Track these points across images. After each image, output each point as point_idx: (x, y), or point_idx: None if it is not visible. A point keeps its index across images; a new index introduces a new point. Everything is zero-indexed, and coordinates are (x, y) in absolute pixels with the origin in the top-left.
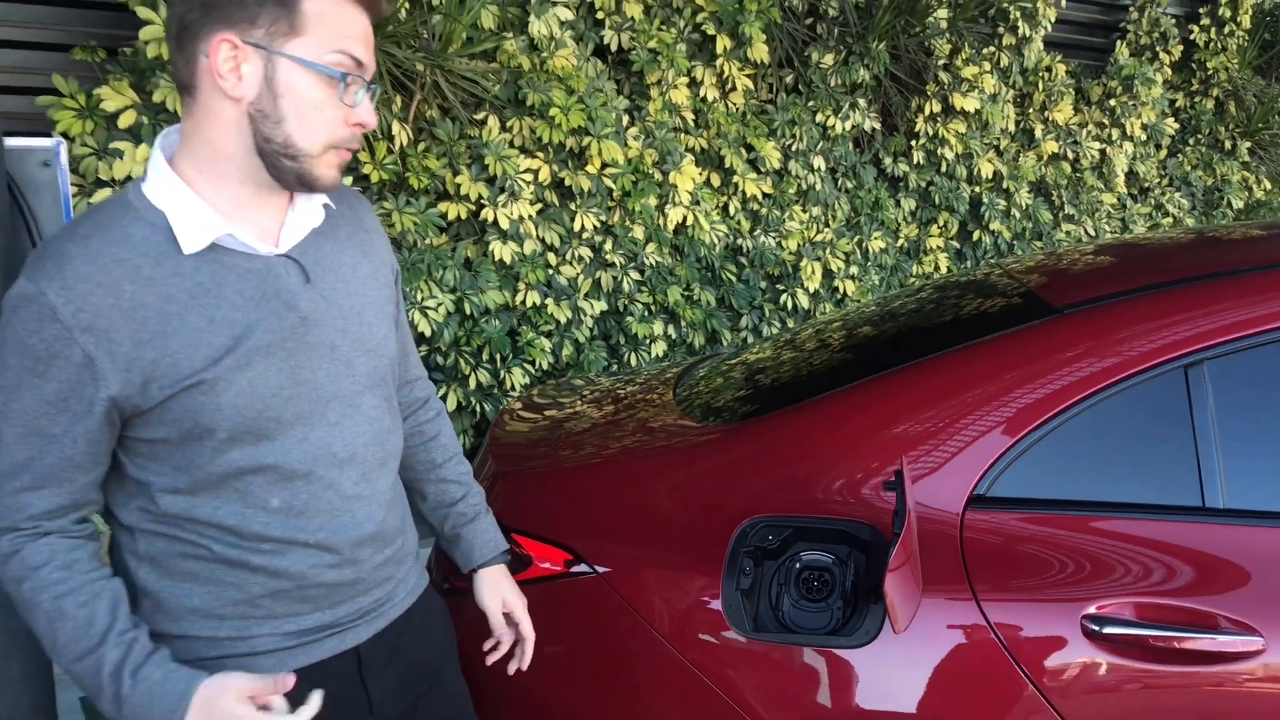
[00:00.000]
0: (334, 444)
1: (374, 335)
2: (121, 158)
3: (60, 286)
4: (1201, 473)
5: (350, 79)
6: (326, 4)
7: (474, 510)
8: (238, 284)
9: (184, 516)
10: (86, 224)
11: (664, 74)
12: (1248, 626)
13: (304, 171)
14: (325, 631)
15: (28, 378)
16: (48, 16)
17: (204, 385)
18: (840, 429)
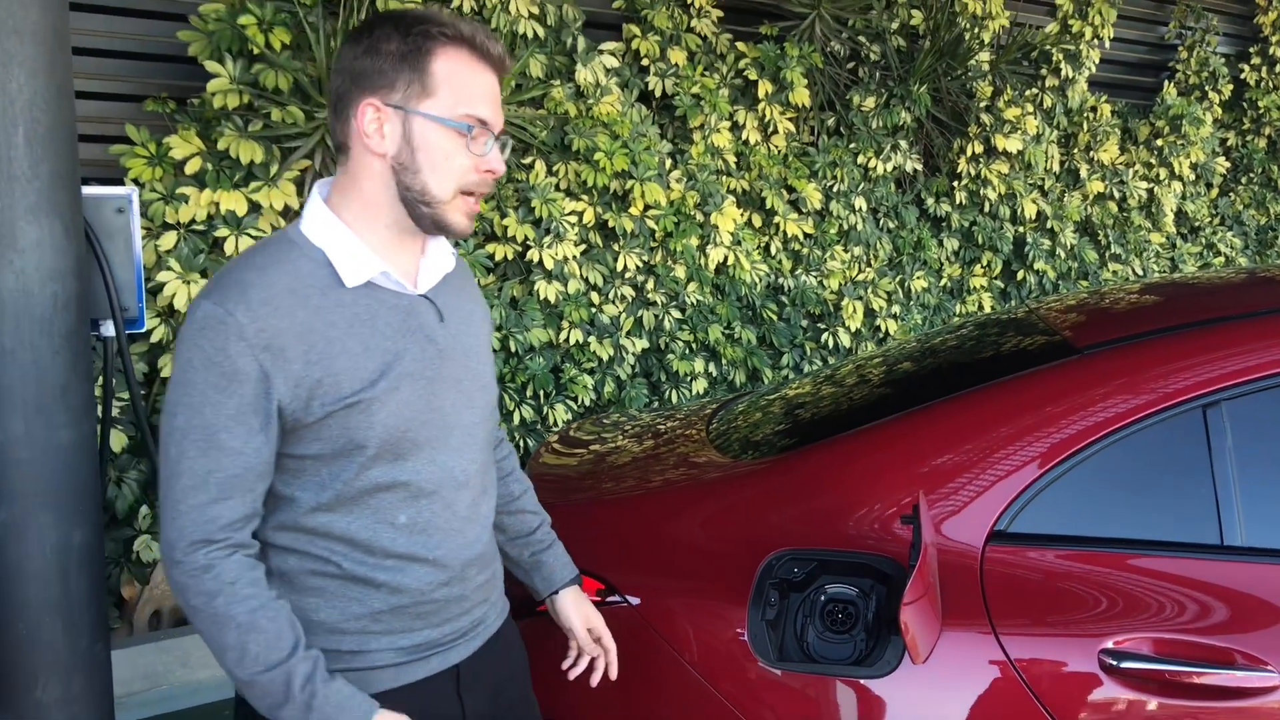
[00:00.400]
0: (455, 468)
1: (485, 374)
2: (187, 202)
3: (245, 309)
4: (1220, 511)
5: (475, 131)
6: (454, 67)
7: (550, 538)
8: (388, 316)
9: (320, 531)
10: (259, 257)
11: (706, 118)
12: (1263, 662)
13: (438, 216)
14: (433, 649)
15: (211, 394)
16: (122, 69)
17: (361, 405)
18: (864, 466)
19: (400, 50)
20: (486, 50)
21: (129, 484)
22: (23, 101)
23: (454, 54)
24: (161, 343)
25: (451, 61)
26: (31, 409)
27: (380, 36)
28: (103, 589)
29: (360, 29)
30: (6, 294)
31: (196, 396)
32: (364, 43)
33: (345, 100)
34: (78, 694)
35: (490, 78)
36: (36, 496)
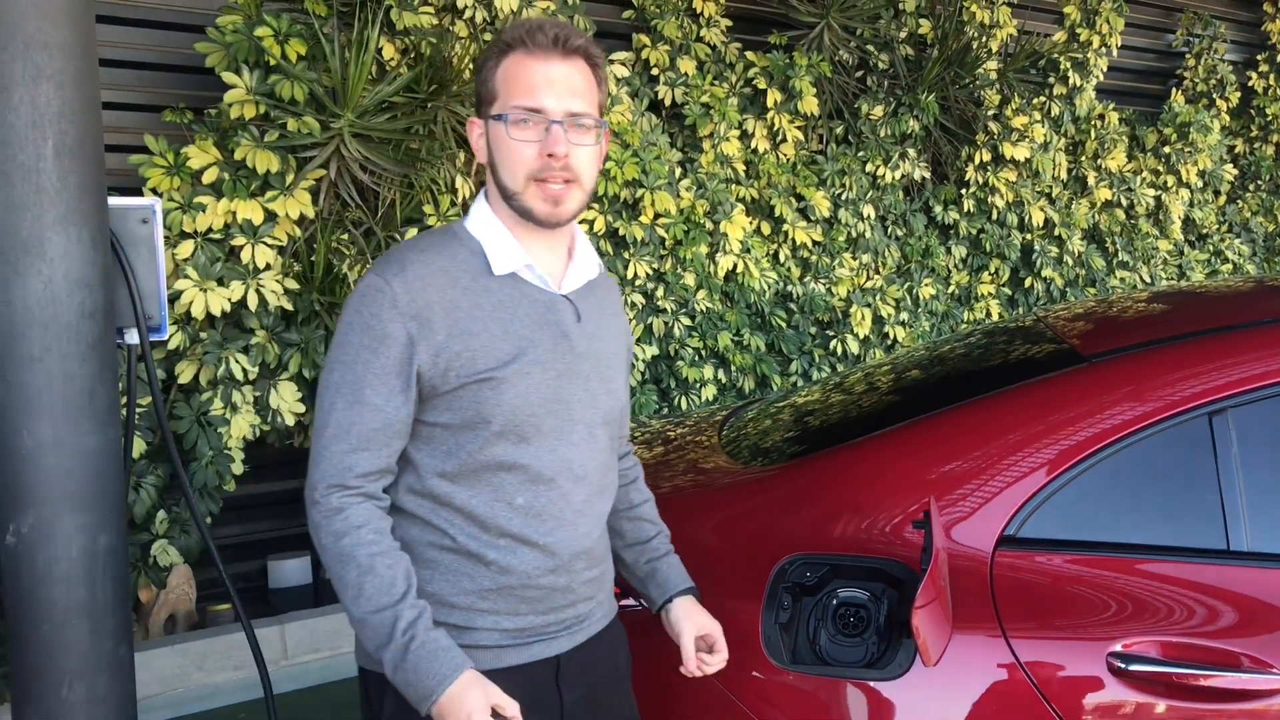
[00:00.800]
0: (574, 460)
1: (615, 381)
2: (204, 211)
3: (401, 281)
4: (1226, 517)
5: (530, 120)
6: (509, 70)
7: (666, 547)
8: (529, 308)
9: (443, 499)
10: (422, 241)
11: (716, 127)
12: (1269, 665)
13: (522, 207)
14: (535, 635)
15: (363, 354)
16: (140, 80)
17: (492, 382)
18: (874, 472)
19: (484, 72)
20: (537, 41)
21: (146, 489)
22: (51, 114)
23: (510, 59)
24: (179, 349)
25: (508, 66)
26: (59, 415)
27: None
28: (127, 592)
29: None
30: (35, 302)
31: (350, 355)
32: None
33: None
34: (103, 695)
35: (544, 66)
36: (64, 500)
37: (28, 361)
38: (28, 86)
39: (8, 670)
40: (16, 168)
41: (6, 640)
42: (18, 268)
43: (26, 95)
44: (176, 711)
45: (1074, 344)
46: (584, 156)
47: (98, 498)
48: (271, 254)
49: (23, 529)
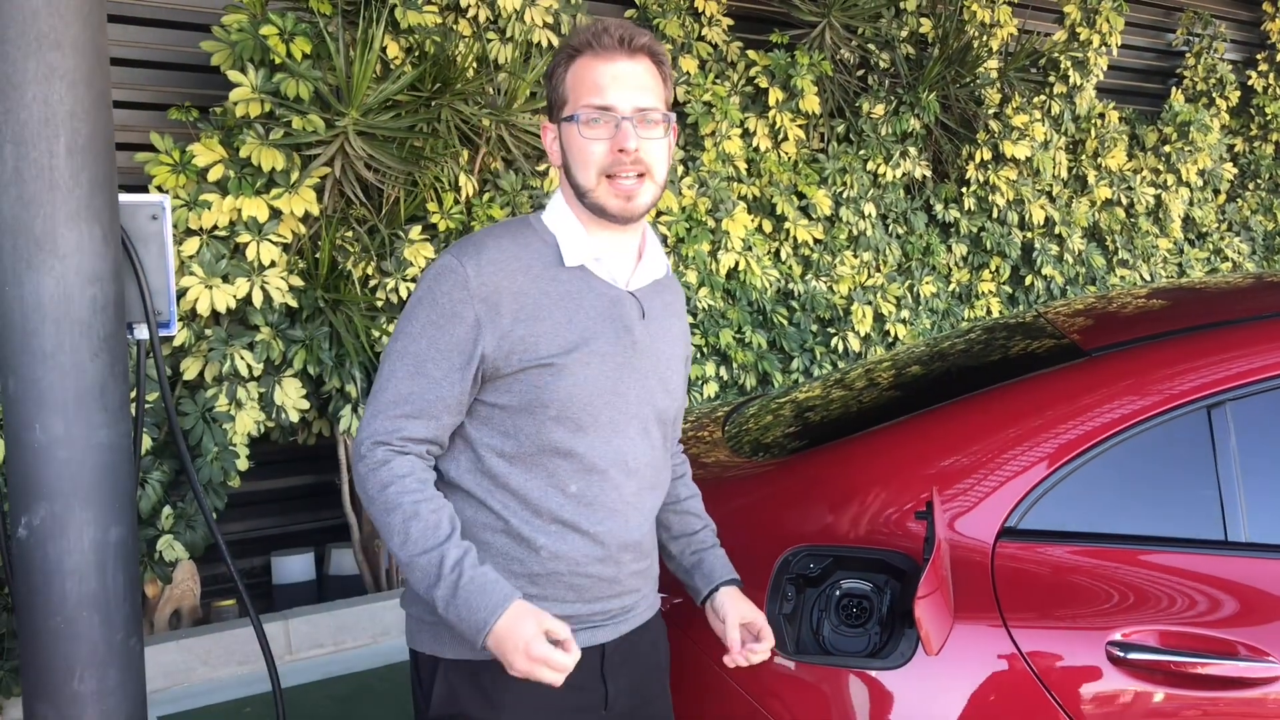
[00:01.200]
0: (628, 454)
1: (673, 381)
2: (210, 208)
3: (475, 265)
4: (1224, 508)
5: (599, 118)
6: (577, 72)
7: (712, 540)
8: (595, 301)
9: (499, 480)
10: (499, 229)
11: (718, 125)
12: (1265, 653)
13: (595, 204)
14: (581, 624)
15: (429, 329)
16: (147, 78)
17: (552, 368)
18: (877, 465)
19: (553, 77)
20: (603, 43)
21: (152, 485)
22: (64, 113)
23: (579, 62)
24: (184, 346)
25: (576, 69)
26: (71, 410)
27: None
28: (137, 584)
29: None
30: (47, 298)
31: (417, 328)
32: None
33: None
34: (113, 686)
35: (611, 65)
36: (75, 494)
37: (40, 356)
38: (40, 85)
39: (18, 664)
40: (29, 165)
41: (17, 633)
42: (31, 263)
43: (39, 93)
44: (181, 706)
45: (1074, 339)
46: (654, 149)
47: (109, 491)
48: (276, 251)
49: (34, 522)
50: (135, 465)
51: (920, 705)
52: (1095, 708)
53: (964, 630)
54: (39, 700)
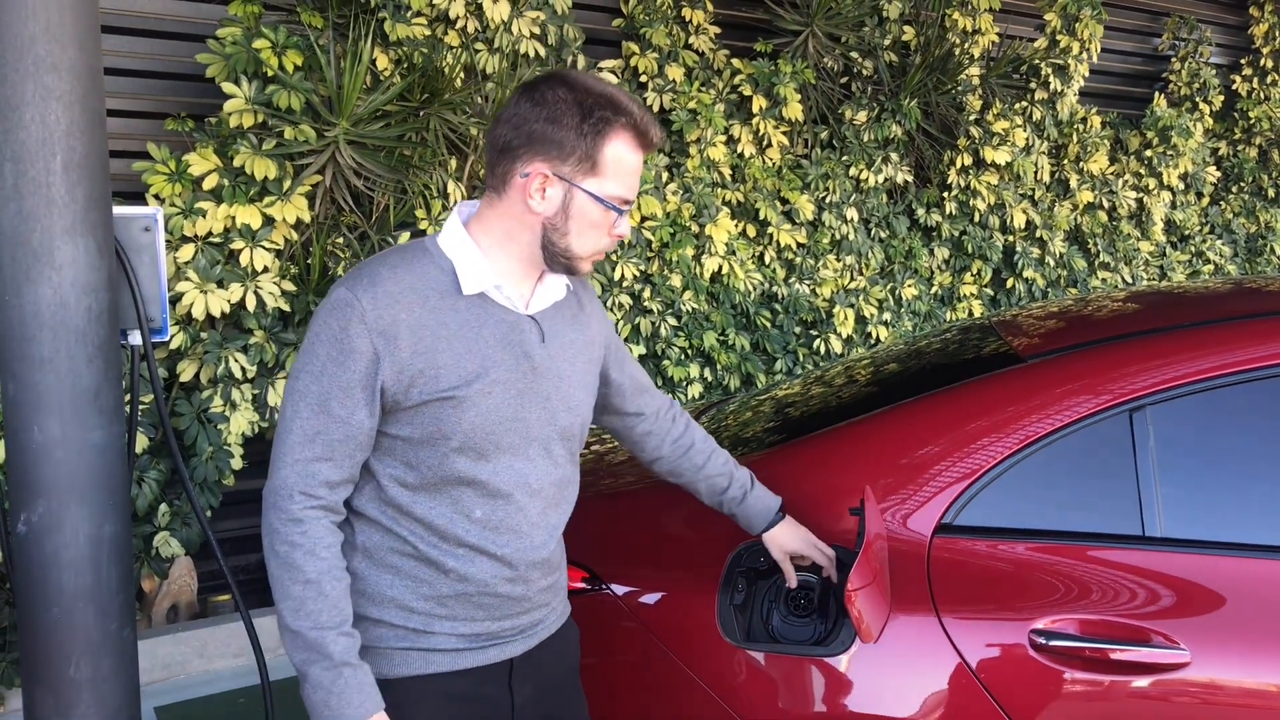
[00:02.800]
0: (530, 476)
1: (575, 398)
2: (204, 216)
3: (371, 298)
4: (1142, 505)
5: (611, 206)
6: (619, 152)
7: (741, 491)
8: (494, 327)
9: (404, 509)
10: (393, 257)
11: (703, 132)
12: (1175, 641)
13: (571, 266)
14: (491, 640)
15: (330, 366)
16: (144, 88)
17: (454, 400)
18: (825, 466)
19: (580, 129)
20: (648, 138)
21: (149, 483)
22: (60, 132)
23: (624, 139)
24: (180, 349)
25: (620, 146)
26: (67, 412)
27: (563, 109)
28: (130, 577)
29: (541, 90)
30: (45, 307)
31: (318, 365)
32: (545, 109)
33: (513, 153)
34: (107, 674)
35: (642, 160)
36: (71, 492)
37: (38, 362)
38: (38, 106)
39: (17, 655)
40: (28, 182)
41: (17, 624)
42: (29, 275)
43: (37, 114)
44: (178, 697)
45: (1015, 346)
46: None
47: (103, 489)
48: (269, 257)
49: (33, 518)
50: (129, 465)
51: (859, 690)
52: (1018, 691)
53: (901, 620)
54: (38, 686)
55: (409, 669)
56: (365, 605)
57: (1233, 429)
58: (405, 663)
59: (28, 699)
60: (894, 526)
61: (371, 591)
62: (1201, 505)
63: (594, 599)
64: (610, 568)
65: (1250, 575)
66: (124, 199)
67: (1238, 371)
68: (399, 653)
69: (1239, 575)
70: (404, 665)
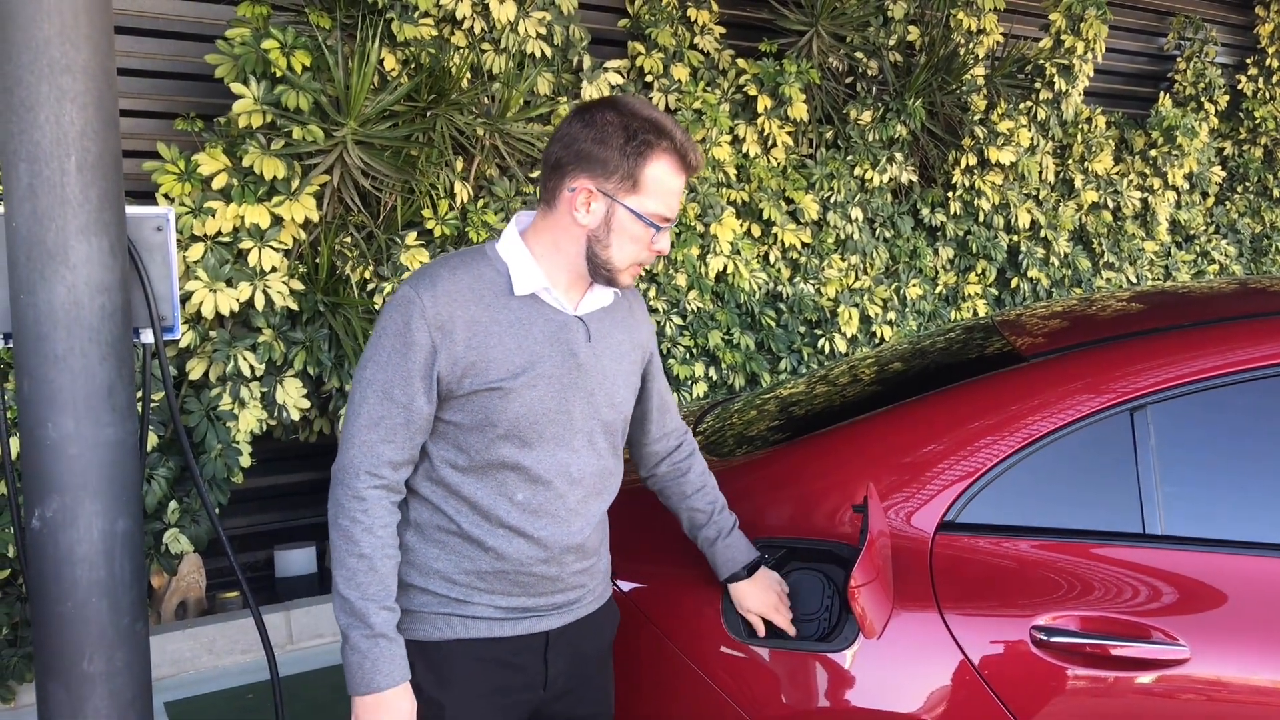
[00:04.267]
0: (572, 465)
1: (619, 395)
2: (214, 215)
3: (431, 295)
4: (1143, 503)
5: (651, 223)
6: (661, 174)
7: (716, 533)
8: (543, 326)
9: (453, 488)
10: (455, 260)
11: (708, 132)
12: (1175, 638)
13: (612, 277)
14: (527, 613)
15: (393, 356)
16: (154, 89)
17: (500, 391)
18: (829, 464)
19: (624, 149)
20: (689, 162)
21: (158, 480)
22: (74, 133)
23: (665, 161)
24: (190, 348)
25: (661, 168)
26: (81, 409)
27: (610, 130)
28: (143, 572)
29: (592, 112)
30: (59, 306)
31: (383, 356)
32: (594, 130)
33: (564, 169)
34: (120, 668)
35: (684, 182)
36: (85, 488)
37: (52, 360)
38: (53, 107)
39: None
40: (42, 182)
41: (31, 618)
42: (44, 274)
43: (52, 115)
44: (188, 692)
45: (1017, 345)
46: None
47: (116, 485)
48: (278, 256)
49: (47, 514)
50: (141, 461)
51: (862, 685)
52: (1020, 687)
53: (904, 616)
54: (51, 680)
55: (450, 633)
56: (413, 575)
57: (1234, 428)
58: (447, 627)
59: (41, 693)
60: (897, 524)
61: (420, 563)
62: (1202, 503)
63: None
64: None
65: (1250, 572)
66: (134, 198)
67: (1239, 371)
68: (442, 618)
69: (1239, 572)
70: (446, 629)
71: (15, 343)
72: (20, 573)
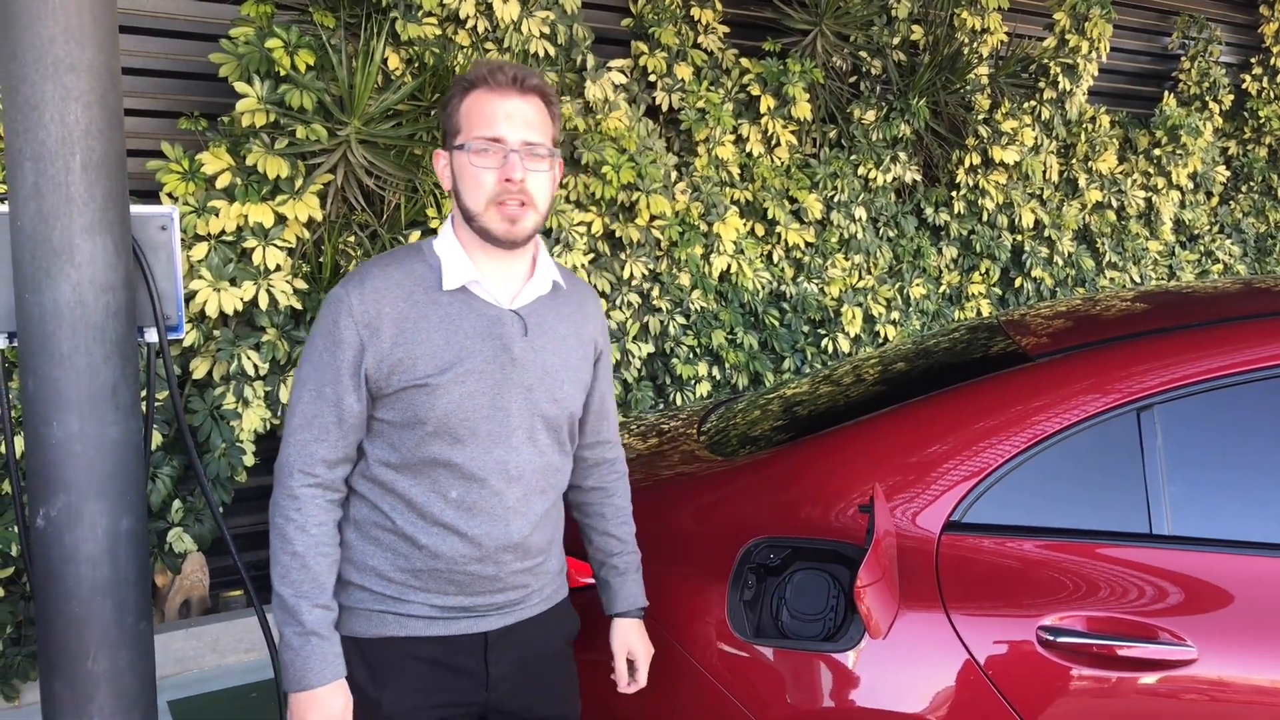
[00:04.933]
0: (509, 462)
1: (563, 390)
2: (217, 215)
3: (359, 294)
4: (1150, 504)
5: (490, 149)
6: (472, 104)
7: (626, 566)
8: (474, 321)
9: (387, 485)
10: (389, 257)
11: (711, 131)
12: (1182, 638)
13: (482, 228)
14: (464, 613)
15: (324, 355)
16: (158, 88)
17: (428, 388)
18: (834, 464)
19: (446, 108)
20: (497, 80)
21: (162, 479)
22: (80, 132)
23: (473, 95)
24: (194, 346)
25: (470, 102)
26: (86, 408)
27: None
28: (147, 572)
29: None
30: (64, 304)
31: (316, 355)
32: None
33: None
34: (124, 667)
35: (503, 101)
36: (90, 487)
37: (58, 358)
38: (58, 106)
39: (34, 649)
40: (48, 181)
41: (35, 617)
42: (49, 272)
43: (57, 114)
44: (191, 690)
45: (1022, 345)
46: (538, 182)
47: (120, 484)
48: (281, 255)
49: (51, 513)
50: (145, 460)
51: (868, 685)
52: (1026, 687)
53: (909, 616)
54: (56, 679)
55: (386, 630)
56: (351, 572)
57: (1240, 428)
58: (382, 624)
59: (46, 691)
60: (903, 524)
61: (357, 559)
62: (1209, 503)
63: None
64: None
65: (1257, 573)
66: (138, 197)
67: (1245, 371)
68: (377, 614)
69: (1246, 573)
70: (381, 626)
71: (20, 341)
72: (24, 571)
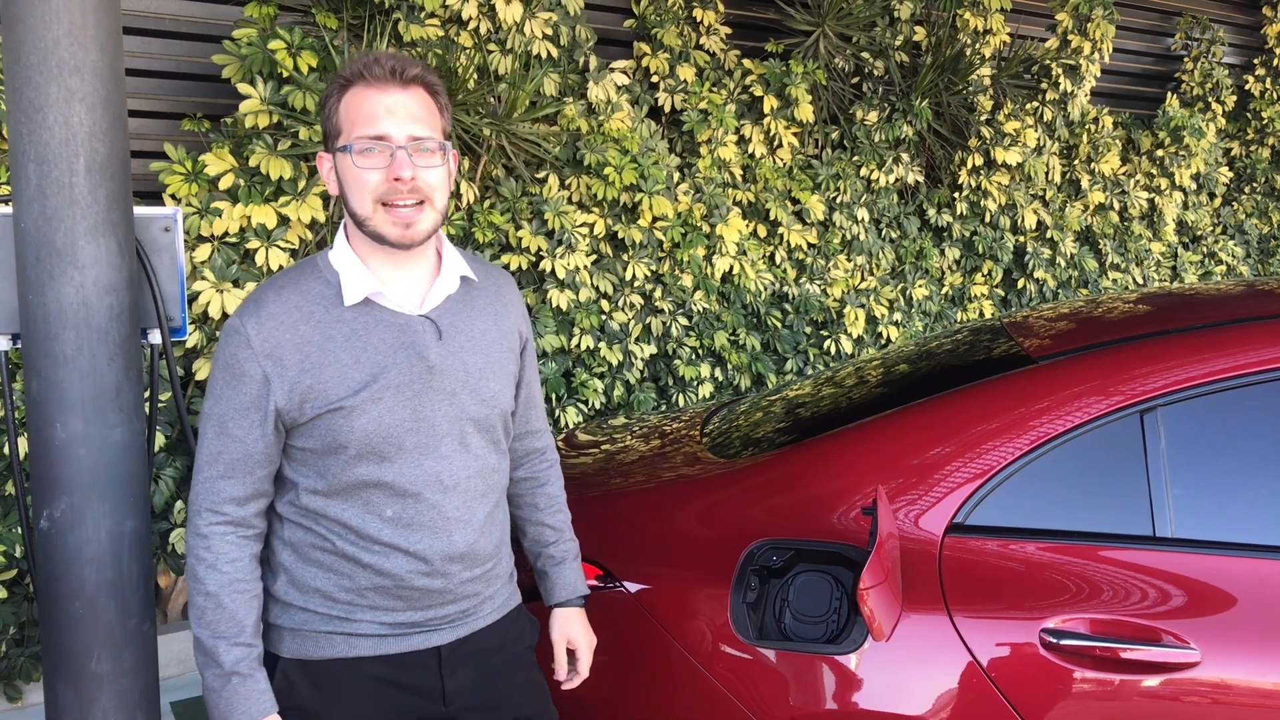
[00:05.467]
0: (442, 473)
1: (490, 389)
2: (220, 215)
3: (255, 324)
4: (1153, 506)
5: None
6: (351, 102)
7: (563, 555)
8: (383, 334)
9: (319, 512)
10: (283, 279)
11: (714, 133)
12: (1185, 641)
13: (374, 232)
14: (414, 628)
15: (226, 390)
16: (161, 89)
17: (343, 410)
18: (836, 466)
19: (324, 108)
20: (375, 73)
21: (165, 480)
22: (83, 134)
23: (351, 92)
24: (197, 348)
25: (349, 99)
26: (89, 410)
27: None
28: (151, 573)
29: None
30: (68, 306)
31: (217, 390)
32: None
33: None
34: (128, 668)
35: (383, 96)
36: (93, 489)
37: (61, 360)
38: (61, 108)
39: (38, 650)
40: (51, 183)
41: (39, 618)
42: (52, 274)
43: (60, 116)
44: (193, 691)
45: (1025, 347)
46: (432, 177)
47: (124, 486)
48: (285, 257)
49: (55, 514)
50: (149, 462)
51: (871, 688)
52: (1029, 690)
53: (912, 618)
54: (59, 680)
55: (334, 651)
56: (293, 594)
57: (1243, 431)
58: (330, 645)
59: (49, 693)
60: (906, 526)
61: (299, 581)
62: (1212, 506)
63: (607, 596)
64: (623, 565)
65: (1261, 576)
66: (140, 199)
67: (1249, 373)
68: (324, 636)
69: (1250, 576)
70: (329, 648)
71: (24, 343)
72: (28, 573)
